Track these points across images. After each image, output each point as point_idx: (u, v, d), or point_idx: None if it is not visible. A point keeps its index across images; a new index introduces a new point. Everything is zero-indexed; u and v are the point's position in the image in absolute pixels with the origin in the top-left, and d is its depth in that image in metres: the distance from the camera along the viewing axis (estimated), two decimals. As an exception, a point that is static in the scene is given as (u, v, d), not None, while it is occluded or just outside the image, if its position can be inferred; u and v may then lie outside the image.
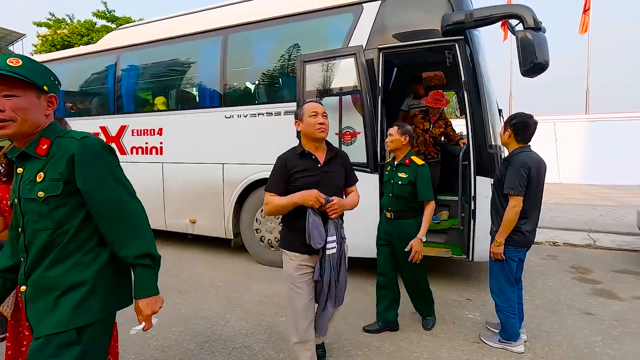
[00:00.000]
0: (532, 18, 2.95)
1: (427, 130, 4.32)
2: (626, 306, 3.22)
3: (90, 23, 18.28)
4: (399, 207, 2.68)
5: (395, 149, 2.72)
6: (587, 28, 15.76)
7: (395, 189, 2.66)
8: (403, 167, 2.67)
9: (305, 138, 2.03)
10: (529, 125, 2.44)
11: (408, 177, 2.61)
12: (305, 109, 2.00)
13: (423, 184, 2.59)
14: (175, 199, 4.86)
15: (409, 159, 2.67)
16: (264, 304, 3.31)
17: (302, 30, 4.14)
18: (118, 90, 5.25)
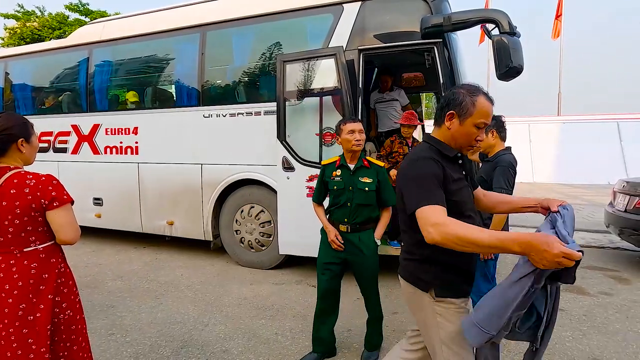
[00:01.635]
0: (507, 23, 3.03)
1: (406, 155, 4.17)
2: (594, 301, 3.36)
3: (62, 16, 17.52)
4: (360, 217, 2.31)
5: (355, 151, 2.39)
6: (559, 33, 16.40)
7: (359, 196, 2.29)
8: (363, 170, 2.33)
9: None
10: (504, 122, 2.52)
11: (373, 182, 2.30)
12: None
13: (389, 187, 2.35)
14: (152, 200, 4.73)
15: (366, 159, 2.36)
16: (243, 307, 3.26)
17: (282, 30, 4.10)
18: (91, 88, 5.05)
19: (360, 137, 2.27)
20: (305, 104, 3.74)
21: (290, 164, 3.70)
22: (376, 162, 2.38)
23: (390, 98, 4.68)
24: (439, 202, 1.25)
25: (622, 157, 12.19)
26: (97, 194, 5.05)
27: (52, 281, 1.48)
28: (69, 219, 1.50)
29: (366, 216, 2.33)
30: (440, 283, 1.38)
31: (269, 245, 4.17)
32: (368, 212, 2.33)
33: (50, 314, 1.45)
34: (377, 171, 2.34)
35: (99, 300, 3.40)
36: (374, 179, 2.30)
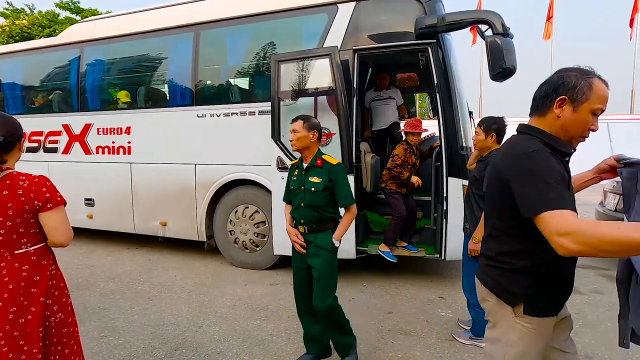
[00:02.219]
0: (500, 24, 3.05)
1: (414, 164, 3.81)
2: (585, 300, 3.41)
3: (52, 14, 17.29)
4: (312, 218, 2.24)
5: (302, 148, 2.26)
6: (550, 34, 16.60)
7: (308, 196, 2.22)
8: (314, 169, 2.24)
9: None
10: (506, 126, 2.55)
11: (322, 182, 2.19)
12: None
13: (342, 187, 2.23)
14: (144, 200, 4.68)
15: (321, 159, 2.25)
16: (237, 308, 3.24)
17: (277, 29, 4.09)
18: (82, 87, 4.98)
19: (294, 137, 2.21)
20: (300, 104, 3.72)
21: (284, 164, 3.68)
22: (330, 161, 2.24)
23: (387, 96, 4.66)
24: (569, 207, 1.03)
25: (612, 157, 12.39)
26: (89, 195, 4.98)
27: (43, 283, 1.45)
28: (62, 220, 1.48)
29: (317, 217, 2.22)
30: (532, 297, 1.19)
31: (264, 246, 4.15)
32: (319, 213, 2.22)
33: (42, 317, 1.43)
34: (329, 170, 2.21)
35: (91, 302, 3.35)
36: (323, 178, 2.20)
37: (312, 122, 2.25)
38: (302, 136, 2.22)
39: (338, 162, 2.25)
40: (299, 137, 2.22)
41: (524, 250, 1.17)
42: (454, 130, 3.39)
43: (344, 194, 2.23)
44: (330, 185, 2.21)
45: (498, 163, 1.28)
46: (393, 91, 4.68)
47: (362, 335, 2.76)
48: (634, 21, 15.42)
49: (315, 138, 2.25)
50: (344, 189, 2.23)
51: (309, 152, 2.27)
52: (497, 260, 1.28)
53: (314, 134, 2.23)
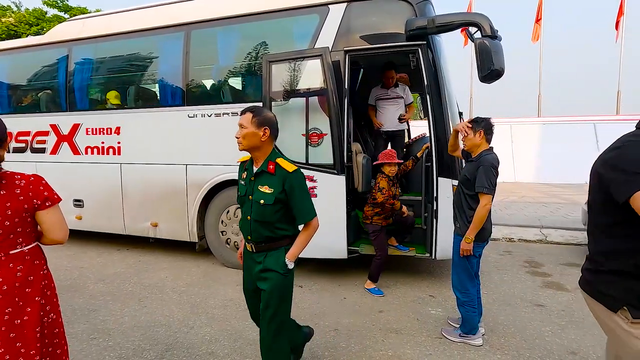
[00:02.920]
0: (489, 26, 3.10)
1: (395, 196, 3.56)
2: (572, 297, 3.48)
3: (39, 12, 16.99)
4: (262, 235, 1.86)
5: (250, 148, 1.83)
6: (538, 37, 16.86)
7: (256, 210, 1.83)
8: (265, 176, 1.83)
9: None
10: (493, 126, 2.59)
11: (274, 192, 1.79)
12: None
13: (299, 200, 1.81)
14: (135, 201, 4.63)
15: (274, 163, 1.82)
16: (229, 308, 3.24)
17: (268, 30, 4.08)
18: (70, 86, 4.92)
19: (240, 133, 1.82)
20: (292, 104, 3.73)
21: (276, 165, 3.68)
22: (286, 167, 1.80)
23: (395, 95, 4.44)
24: None
25: (599, 157, 12.63)
26: (78, 196, 4.92)
27: (38, 283, 1.45)
28: (59, 217, 1.50)
29: (267, 236, 1.86)
30: (637, 300, 1.12)
31: (256, 246, 4.14)
32: (270, 231, 1.85)
33: (39, 317, 1.43)
34: (284, 178, 1.79)
35: (80, 304, 3.32)
36: (275, 188, 1.78)
37: (264, 117, 1.81)
38: (249, 133, 1.79)
39: (295, 169, 1.82)
40: (245, 134, 1.80)
41: (621, 250, 1.12)
42: (444, 130, 3.43)
43: (302, 207, 1.83)
44: (284, 198, 1.80)
45: (600, 157, 1.25)
46: (402, 89, 4.47)
47: (353, 334, 2.79)
48: (619, 23, 15.75)
49: (268, 136, 1.81)
50: (302, 202, 1.83)
51: (260, 154, 1.85)
52: (596, 262, 1.23)
53: (265, 131, 1.79)
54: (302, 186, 1.85)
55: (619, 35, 15.95)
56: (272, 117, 1.87)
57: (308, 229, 1.86)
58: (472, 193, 2.53)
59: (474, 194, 2.51)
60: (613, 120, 13.76)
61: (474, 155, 2.62)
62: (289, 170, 1.80)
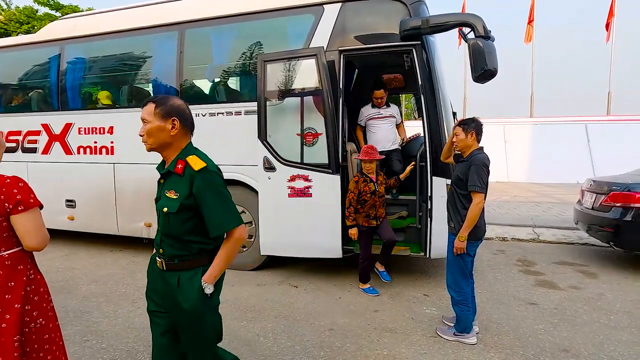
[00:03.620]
0: (482, 27, 3.12)
1: (374, 192, 3.46)
2: (564, 295, 3.52)
3: (30, 10, 16.76)
4: (171, 251, 1.50)
5: (158, 146, 1.50)
6: (531, 38, 17.03)
7: (162, 220, 1.51)
8: (173, 178, 1.49)
9: None
10: (482, 125, 2.62)
11: (179, 198, 1.44)
12: None
13: (212, 206, 1.44)
14: (128, 201, 4.60)
15: (183, 161, 1.47)
16: (224, 309, 3.19)
17: (263, 29, 4.08)
18: (62, 85, 4.86)
19: (143, 129, 1.48)
20: (286, 104, 3.73)
21: (271, 164, 3.68)
22: (194, 165, 1.45)
23: (388, 114, 4.33)
24: None
25: (590, 157, 12.78)
26: (70, 196, 4.87)
27: (19, 289, 1.40)
28: (35, 223, 1.41)
29: (178, 253, 1.49)
30: None
31: (250, 247, 4.14)
32: (181, 245, 1.49)
33: (19, 324, 1.38)
34: (192, 179, 1.44)
35: (72, 306, 3.28)
36: (182, 192, 1.44)
37: (170, 105, 1.47)
38: (153, 128, 1.46)
39: (203, 167, 1.45)
40: (149, 130, 1.46)
41: None
42: (438, 130, 3.46)
43: (215, 215, 1.44)
44: (193, 204, 1.44)
45: None
46: (393, 109, 4.40)
47: (348, 333, 2.79)
48: (610, 25, 15.97)
49: (178, 129, 1.47)
50: (215, 208, 1.45)
51: (171, 152, 1.51)
52: None
53: (173, 122, 1.45)
54: (215, 188, 1.46)
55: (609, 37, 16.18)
56: (180, 105, 1.52)
57: (229, 242, 1.49)
58: (465, 192, 2.55)
59: (467, 193, 2.54)
60: (604, 120, 13.95)
61: (465, 155, 2.64)
62: (195, 169, 1.43)
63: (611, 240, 4.17)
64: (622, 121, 13.58)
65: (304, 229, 3.66)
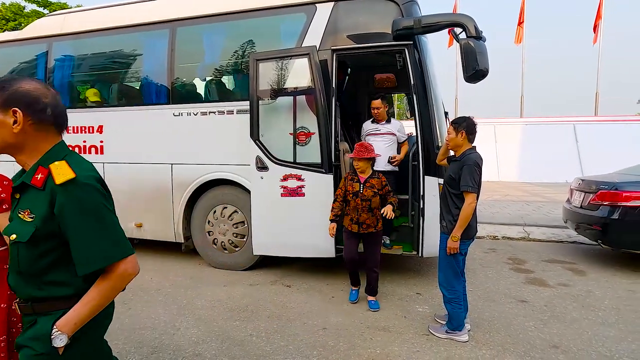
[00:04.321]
0: (474, 27, 3.15)
1: (356, 193, 3.11)
2: (554, 292, 3.57)
3: (17, 7, 16.47)
4: (23, 292, 1.10)
5: (3, 148, 1.09)
6: (521, 39, 17.25)
7: (11, 251, 1.12)
8: (31, 193, 1.07)
9: None
10: (475, 125, 2.62)
11: (33, 222, 1.04)
12: None
13: (83, 233, 1.05)
14: (118, 201, 4.43)
15: (46, 169, 1.06)
16: (216, 309, 3.20)
17: (255, 28, 4.05)
18: (50, 83, 4.77)
19: None
20: (279, 103, 3.72)
21: (264, 164, 3.66)
22: (60, 175, 1.03)
23: (386, 130, 3.87)
24: None
25: (578, 157, 13.00)
26: (58, 196, 4.78)
27: (5, 289, 1.38)
28: None
29: (27, 293, 1.09)
30: None
31: (243, 246, 4.11)
32: (31, 288, 1.08)
33: (5, 324, 1.36)
34: (53, 194, 1.03)
35: (61, 308, 3.22)
36: (39, 214, 1.04)
37: (10, 92, 1.05)
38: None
39: (72, 178, 1.03)
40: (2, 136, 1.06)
41: None
42: (430, 129, 3.47)
43: (86, 246, 1.05)
44: (56, 230, 1.04)
45: None
46: (394, 125, 3.94)
47: (341, 332, 2.79)
48: (597, 27, 16.26)
49: (22, 124, 1.05)
50: (86, 237, 1.05)
51: (25, 157, 1.10)
52: None
53: (15, 115, 1.04)
54: (85, 207, 1.05)
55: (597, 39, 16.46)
56: (29, 91, 1.07)
57: (106, 279, 1.08)
58: (457, 192, 2.57)
59: (459, 193, 2.55)
60: (592, 121, 14.20)
61: (457, 155, 2.66)
62: (57, 181, 1.02)
63: (599, 238, 4.25)
64: (610, 122, 13.85)
65: (297, 229, 3.66)
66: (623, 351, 2.53)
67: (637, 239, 4.02)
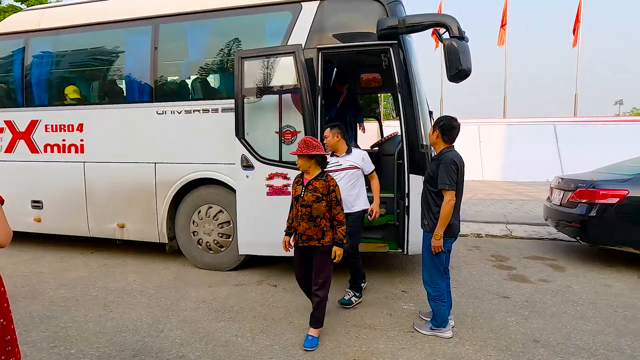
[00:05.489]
0: (457, 27, 3.20)
1: (297, 197, 2.62)
2: (534, 288, 3.66)
3: (-7, 1, 15.88)
4: None
5: None
6: (504, 41, 17.61)
7: None
8: None
9: None
10: (454, 127, 2.65)
11: None
12: None
13: None
14: (99, 202, 4.42)
15: None
16: (201, 310, 3.16)
17: (240, 26, 4.02)
18: (27, 80, 4.63)
19: None
20: (264, 102, 3.69)
21: (249, 162, 3.63)
22: None
23: (348, 165, 3.13)
24: None
25: (559, 156, 13.37)
26: (36, 197, 4.64)
27: None
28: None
29: None
30: None
31: (228, 246, 4.07)
32: None
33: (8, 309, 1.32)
34: None
35: (38, 311, 3.12)
36: None
37: None
38: None
39: None
40: None
41: None
42: (414, 128, 3.51)
43: None
44: None
45: None
46: (357, 155, 3.19)
47: (327, 331, 2.79)
48: (576, 30, 16.74)
49: None
50: None
51: None
52: None
53: None
54: None
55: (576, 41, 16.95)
56: None
57: None
58: (436, 190, 2.60)
59: (438, 191, 2.59)
60: (571, 121, 14.62)
61: (436, 153, 2.71)
62: None
63: (577, 235, 4.37)
64: (589, 122, 14.29)
65: (283, 228, 3.63)
66: (599, 344, 2.61)
67: (613, 236, 4.15)
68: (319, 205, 2.55)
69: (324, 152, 2.63)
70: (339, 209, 2.58)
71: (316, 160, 2.60)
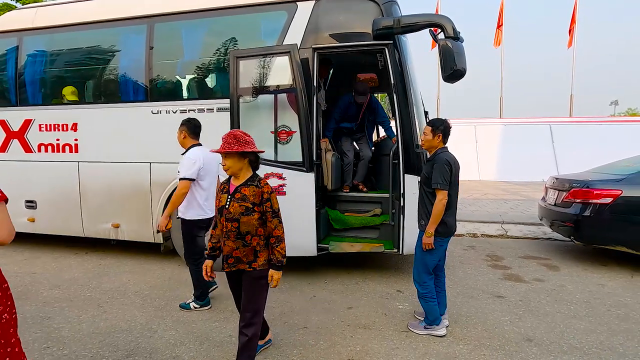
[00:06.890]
0: (452, 28, 3.21)
1: (221, 209, 2.11)
2: (529, 287, 3.67)
3: (-13, -1, 15.74)
4: None
5: None
6: (500, 42, 17.68)
7: None
8: None
9: None
10: (450, 128, 2.69)
11: None
12: None
13: None
14: (94, 202, 4.40)
15: None
16: (195, 311, 3.15)
17: (236, 25, 4.01)
18: (21, 79, 4.59)
19: None
20: (260, 101, 3.69)
21: (244, 163, 3.62)
22: None
23: None
24: None
25: (554, 156, 13.44)
26: (30, 196, 4.61)
27: None
28: (2, 216, 1.40)
29: None
30: None
31: (224, 246, 4.05)
32: None
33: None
34: None
35: (32, 312, 3.10)
36: None
37: None
38: None
39: None
40: None
41: None
42: (410, 128, 3.52)
43: None
44: None
45: None
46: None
47: (322, 331, 2.79)
48: (572, 31, 16.83)
49: None
50: None
51: None
52: None
53: None
54: None
55: (572, 42, 17.04)
56: None
57: None
58: (431, 190, 2.63)
59: (433, 191, 2.62)
60: (567, 121, 14.70)
61: (430, 154, 2.73)
62: None
63: (572, 235, 4.40)
64: (584, 122, 14.37)
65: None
66: (592, 342, 2.63)
67: (607, 235, 4.18)
68: (249, 219, 1.98)
69: (257, 149, 2.10)
70: (275, 222, 2.02)
71: (249, 159, 2.08)
